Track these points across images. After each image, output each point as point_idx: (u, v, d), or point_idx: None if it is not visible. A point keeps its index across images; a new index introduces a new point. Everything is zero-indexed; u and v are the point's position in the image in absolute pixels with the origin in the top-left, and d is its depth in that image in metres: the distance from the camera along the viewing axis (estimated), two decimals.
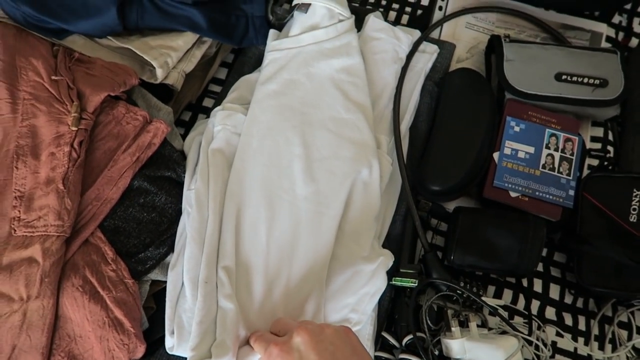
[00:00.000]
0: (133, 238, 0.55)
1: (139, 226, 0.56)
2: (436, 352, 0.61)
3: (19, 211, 0.52)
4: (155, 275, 0.57)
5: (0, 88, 0.56)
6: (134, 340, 0.51)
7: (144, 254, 0.55)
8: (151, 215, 0.57)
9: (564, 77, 0.71)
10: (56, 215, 0.51)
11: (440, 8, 0.81)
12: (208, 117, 0.69)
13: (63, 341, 0.50)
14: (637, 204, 0.65)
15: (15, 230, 0.51)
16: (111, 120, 0.58)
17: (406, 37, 0.73)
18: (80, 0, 0.60)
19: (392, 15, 0.81)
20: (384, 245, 0.66)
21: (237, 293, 0.57)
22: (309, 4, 0.68)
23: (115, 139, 0.58)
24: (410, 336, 0.60)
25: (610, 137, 0.76)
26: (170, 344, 0.54)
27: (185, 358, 0.53)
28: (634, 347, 0.66)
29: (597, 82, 0.71)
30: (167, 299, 0.55)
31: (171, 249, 0.57)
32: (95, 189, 0.55)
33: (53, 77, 0.57)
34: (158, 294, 0.57)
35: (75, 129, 0.54)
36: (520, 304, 0.67)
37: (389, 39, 0.72)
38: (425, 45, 0.75)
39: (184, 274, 0.55)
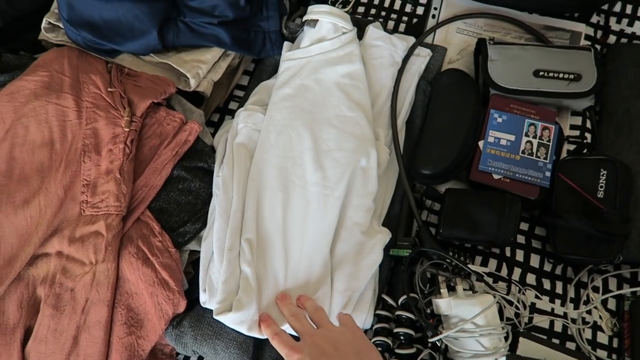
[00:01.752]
0: (174, 216, 0.68)
1: (178, 207, 0.69)
2: (428, 311, 0.72)
3: (87, 196, 0.66)
4: (192, 246, 0.70)
5: (69, 99, 0.70)
6: (177, 296, 0.64)
7: (183, 229, 0.68)
8: (188, 198, 0.70)
9: (541, 73, 0.81)
10: (115, 198, 0.65)
11: (434, 16, 0.92)
12: (233, 118, 0.82)
13: (122, 297, 0.64)
14: (604, 182, 0.74)
15: (84, 211, 0.65)
16: (154, 122, 0.72)
17: (401, 43, 0.84)
18: (128, 26, 0.74)
19: (391, 24, 0.92)
20: (384, 224, 0.77)
21: (259, 261, 0.69)
22: (317, 20, 0.80)
23: (158, 137, 0.71)
24: (405, 296, 0.71)
25: (588, 125, 0.85)
26: (204, 299, 0.67)
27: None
28: (607, 308, 0.75)
29: (571, 76, 0.80)
30: (200, 263, 0.68)
31: (204, 225, 0.70)
32: (144, 178, 0.68)
33: (109, 89, 0.71)
34: (195, 261, 0.71)
35: (128, 130, 0.68)
36: (504, 272, 0.77)
37: (386, 46, 0.83)
38: (419, 50, 0.86)
39: (214, 244, 0.68)
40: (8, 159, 0.67)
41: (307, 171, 0.74)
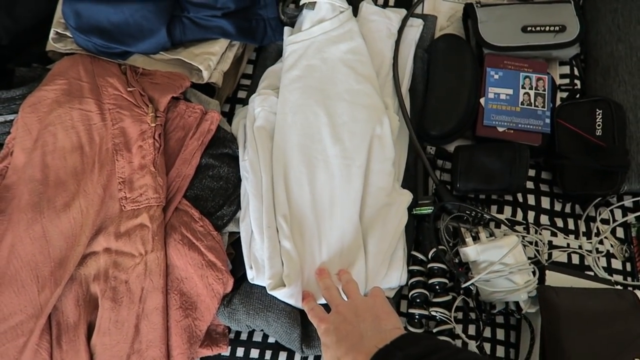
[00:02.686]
0: (210, 201, 0.71)
1: (212, 192, 0.72)
2: (456, 261, 0.77)
3: (125, 192, 0.68)
4: (230, 227, 0.73)
5: (90, 103, 0.72)
6: (225, 275, 0.67)
7: (220, 212, 0.71)
8: (219, 183, 0.73)
9: (529, 28, 0.86)
10: (154, 190, 0.68)
11: None
12: (244, 106, 0.85)
13: (174, 283, 0.67)
14: (600, 120, 0.80)
15: (124, 207, 0.68)
16: (176, 115, 0.75)
17: (395, 15, 0.88)
18: (137, 27, 0.76)
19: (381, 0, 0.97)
20: (403, 186, 0.82)
21: (295, 236, 0.72)
22: (315, 2, 0.84)
23: (182, 129, 0.74)
24: (435, 249, 0.75)
25: (576, 72, 0.90)
26: (251, 275, 0.70)
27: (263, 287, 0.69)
28: (616, 237, 0.81)
29: (556, 28, 0.86)
30: (242, 243, 0.71)
31: (239, 207, 0.74)
32: (176, 169, 0.71)
33: (128, 89, 0.73)
34: (234, 242, 0.74)
35: (154, 125, 0.71)
36: (519, 216, 0.82)
37: (381, 20, 0.88)
38: (412, 20, 0.91)
39: (252, 223, 0.71)
40: (42, 167, 0.69)
41: (326, 145, 0.77)
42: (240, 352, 0.73)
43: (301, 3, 0.85)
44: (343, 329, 0.59)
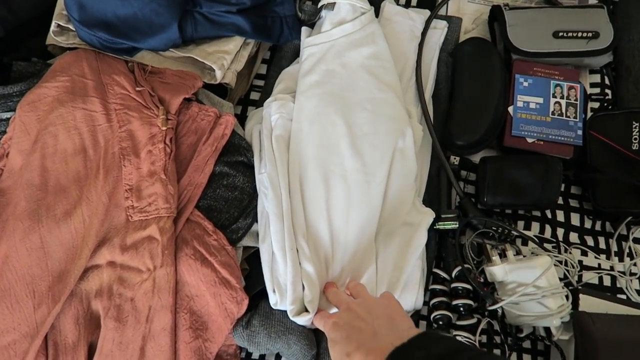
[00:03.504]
0: (224, 213, 0.66)
1: (227, 203, 0.67)
2: (481, 280, 0.73)
3: (132, 201, 0.63)
4: (245, 242, 0.68)
5: (95, 103, 0.66)
6: (240, 293, 0.62)
7: (235, 225, 0.66)
8: (234, 194, 0.68)
9: (560, 34, 0.82)
10: (164, 199, 0.62)
11: None
12: (257, 107, 0.80)
13: (184, 301, 0.61)
14: (637, 134, 0.76)
15: (131, 217, 0.62)
16: (188, 118, 0.69)
17: (419, 16, 0.84)
18: (146, 22, 0.70)
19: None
20: (425, 199, 0.77)
21: (315, 254, 0.67)
22: (334, 3, 0.78)
23: (194, 133, 0.69)
24: (459, 268, 0.71)
25: (607, 81, 0.86)
26: (274, 300, 0.64)
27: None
28: None
29: (589, 34, 0.81)
30: (263, 266, 0.66)
31: (255, 220, 0.68)
32: (187, 177, 0.66)
33: (137, 88, 0.67)
34: (249, 258, 0.69)
35: (165, 128, 0.65)
36: (547, 233, 0.78)
37: (404, 21, 0.83)
38: (435, 22, 0.86)
39: (274, 245, 0.65)
40: (41, 171, 0.63)
41: (345, 159, 0.72)
42: None
43: (319, 5, 0.80)
44: (355, 324, 0.54)
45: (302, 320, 0.62)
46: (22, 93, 0.67)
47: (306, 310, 0.63)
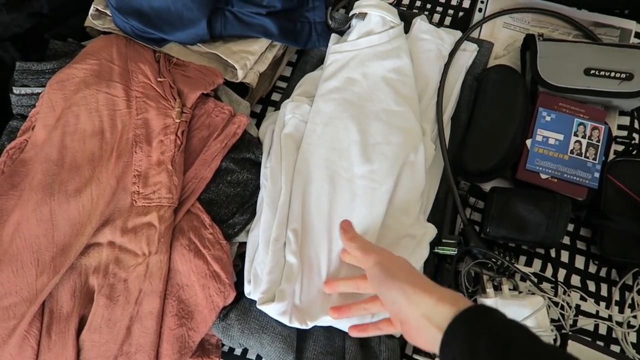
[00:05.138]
0: (224, 208, 0.68)
1: (227, 198, 0.69)
2: None
3: (138, 186, 0.66)
4: (241, 238, 0.69)
5: (118, 88, 0.69)
6: (228, 288, 0.64)
7: (232, 220, 0.68)
8: (237, 190, 0.70)
9: (592, 71, 0.79)
10: (167, 189, 0.65)
11: (480, 10, 0.90)
12: (276, 109, 0.82)
13: (173, 288, 0.64)
14: None
15: (136, 202, 0.65)
16: (203, 113, 0.71)
17: (449, 37, 0.83)
18: (178, 16, 0.73)
19: (436, 17, 0.91)
20: (428, 220, 0.77)
21: (304, 250, 0.68)
22: (366, 13, 0.79)
23: (207, 128, 0.71)
24: None
25: (637, 125, 0.83)
26: (248, 290, 0.66)
27: None
28: None
29: (623, 75, 0.79)
30: (246, 255, 0.68)
31: (253, 216, 0.70)
32: (194, 169, 0.68)
33: (159, 79, 0.70)
34: (243, 254, 0.70)
35: (179, 121, 0.68)
36: (548, 272, 0.77)
37: (433, 40, 0.82)
38: (466, 44, 0.85)
39: (260, 235, 0.67)
40: (59, 147, 0.67)
41: (354, 164, 0.73)
42: None
43: (351, 13, 0.81)
44: (406, 267, 0.57)
45: (269, 309, 0.63)
46: (54, 71, 0.71)
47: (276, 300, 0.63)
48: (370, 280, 0.59)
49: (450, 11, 0.91)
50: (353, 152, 0.74)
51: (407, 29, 0.84)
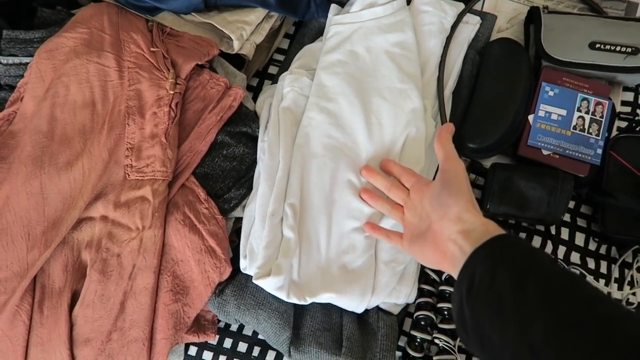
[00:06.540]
0: (219, 182, 0.67)
1: (223, 172, 0.67)
2: None
3: (131, 160, 0.64)
4: (237, 213, 0.68)
5: (110, 58, 0.67)
6: (224, 264, 0.63)
7: (228, 195, 0.67)
8: (232, 164, 0.68)
9: (597, 45, 0.77)
10: (161, 163, 0.63)
11: None
12: (273, 82, 0.79)
13: (168, 264, 0.63)
14: None
15: (129, 175, 0.63)
16: (198, 85, 0.69)
17: (451, 9, 0.80)
18: None
19: None
20: None
21: (303, 225, 0.67)
22: None
23: (202, 101, 0.69)
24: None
25: None
26: (244, 265, 0.65)
27: None
28: None
29: (628, 50, 0.77)
30: (242, 229, 0.66)
31: (249, 191, 0.68)
32: (189, 143, 0.66)
33: (151, 49, 0.68)
34: (239, 229, 0.69)
35: (172, 92, 0.66)
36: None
37: (435, 12, 0.80)
38: (468, 17, 0.82)
39: (256, 209, 0.66)
40: (49, 119, 0.65)
41: (357, 141, 0.71)
42: (227, 343, 0.69)
43: None
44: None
45: (266, 283, 0.62)
46: (43, 40, 0.69)
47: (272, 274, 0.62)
48: (441, 175, 0.60)
49: None
50: (355, 129, 0.72)
51: (408, 1, 0.81)
